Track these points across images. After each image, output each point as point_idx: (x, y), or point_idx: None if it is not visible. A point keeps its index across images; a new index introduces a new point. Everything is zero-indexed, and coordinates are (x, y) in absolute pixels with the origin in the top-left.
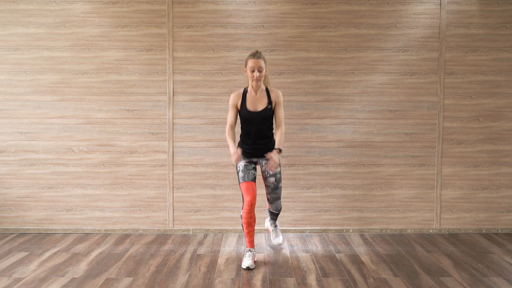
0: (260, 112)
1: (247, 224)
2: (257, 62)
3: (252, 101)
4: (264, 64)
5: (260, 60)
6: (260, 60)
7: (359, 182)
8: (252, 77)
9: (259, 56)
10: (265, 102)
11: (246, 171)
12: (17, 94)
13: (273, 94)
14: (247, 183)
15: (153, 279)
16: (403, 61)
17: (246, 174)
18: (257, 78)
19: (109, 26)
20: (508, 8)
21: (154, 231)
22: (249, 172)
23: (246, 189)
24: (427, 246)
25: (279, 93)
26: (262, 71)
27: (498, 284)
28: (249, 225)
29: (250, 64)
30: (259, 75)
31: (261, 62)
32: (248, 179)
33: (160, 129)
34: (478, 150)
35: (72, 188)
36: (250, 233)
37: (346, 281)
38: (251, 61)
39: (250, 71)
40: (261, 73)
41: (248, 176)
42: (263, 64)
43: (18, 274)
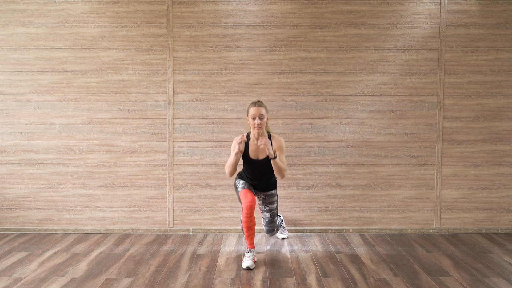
0: (262, 160)
1: (247, 228)
2: (258, 110)
3: (255, 149)
4: (265, 112)
5: (261, 108)
6: (261, 108)
7: (359, 182)
8: (254, 124)
9: (260, 104)
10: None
11: (246, 184)
12: (17, 94)
13: (275, 142)
14: (245, 190)
15: (153, 279)
16: (403, 61)
17: (245, 185)
18: (258, 125)
19: (109, 26)
20: (508, 8)
21: (154, 231)
22: (249, 184)
23: (244, 194)
24: (427, 246)
25: (281, 140)
26: (263, 119)
27: (498, 284)
28: (249, 228)
29: (251, 112)
30: (260, 123)
31: (262, 110)
32: (248, 188)
33: (160, 129)
34: (478, 150)
35: (72, 188)
36: (250, 236)
37: (346, 281)
38: (253, 109)
39: (251, 118)
40: (262, 120)
41: (247, 186)
42: (264, 112)
43: (18, 274)
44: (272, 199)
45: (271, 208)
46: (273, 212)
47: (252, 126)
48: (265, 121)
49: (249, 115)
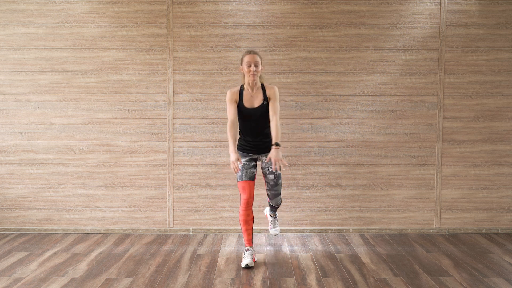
0: (257, 108)
1: (244, 221)
2: (253, 57)
3: (249, 98)
4: (260, 60)
5: (256, 55)
6: (256, 55)
7: (359, 182)
8: (249, 71)
9: (255, 52)
10: (261, 99)
11: (244, 170)
12: (17, 94)
13: (268, 90)
14: (243, 182)
15: (153, 279)
16: (403, 61)
17: (243, 173)
18: (254, 72)
19: (109, 26)
20: (508, 8)
21: (154, 231)
22: (247, 171)
23: (242, 188)
24: (427, 246)
25: (274, 88)
26: (258, 66)
27: (498, 284)
28: (246, 222)
29: (246, 59)
30: (255, 70)
31: (257, 57)
32: (246, 178)
33: (160, 129)
34: (478, 150)
35: (72, 188)
36: (248, 231)
37: (346, 281)
38: (248, 56)
39: (246, 66)
40: (257, 67)
41: (245, 175)
42: (259, 60)
43: (18, 274)
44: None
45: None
46: (277, 173)
47: (247, 73)
48: (260, 68)
49: (244, 63)
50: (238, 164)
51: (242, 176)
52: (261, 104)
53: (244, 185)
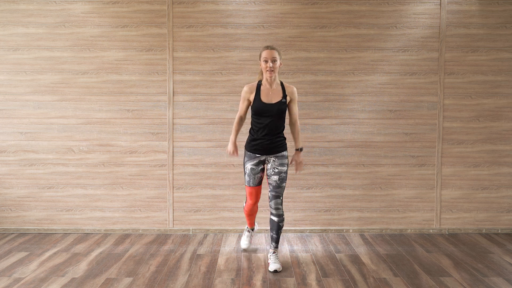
0: (275, 104)
1: (249, 214)
2: (271, 52)
3: (267, 93)
4: (278, 56)
5: (274, 51)
6: (274, 51)
7: (359, 182)
8: (266, 67)
9: (273, 48)
10: (280, 95)
11: (252, 176)
12: (17, 94)
13: (289, 89)
14: (251, 188)
15: (153, 279)
16: (403, 61)
17: (251, 179)
18: (271, 68)
19: (109, 26)
20: (508, 8)
21: (154, 231)
22: (255, 176)
23: (249, 194)
24: (427, 246)
25: (294, 89)
26: (275, 61)
27: (498, 284)
28: (251, 215)
29: (264, 54)
30: (272, 66)
31: (275, 53)
32: (253, 184)
33: (160, 129)
34: (478, 150)
35: (72, 188)
36: (251, 218)
37: (346, 281)
38: (265, 52)
39: (263, 61)
40: (275, 63)
41: (253, 181)
42: (277, 55)
43: (18, 274)
44: (282, 160)
45: (280, 171)
46: (282, 176)
47: (265, 69)
48: (278, 64)
49: (262, 58)
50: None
51: (250, 181)
52: (279, 101)
53: (251, 191)
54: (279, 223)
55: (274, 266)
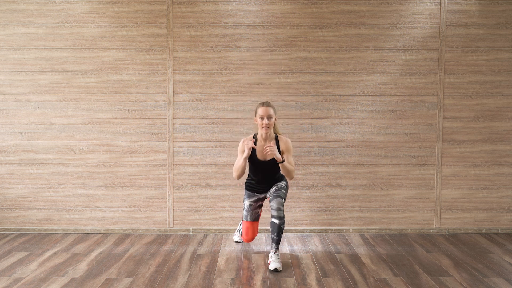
0: (269, 161)
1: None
2: (266, 110)
3: (262, 151)
4: (274, 113)
5: (269, 108)
6: (269, 108)
7: (359, 182)
8: (262, 124)
9: (269, 105)
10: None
11: (250, 211)
12: (17, 94)
13: (282, 143)
14: (248, 223)
15: (153, 279)
16: (403, 61)
17: (249, 214)
18: (266, 125)
19: (109, 26)
20: (508, 8)
21: (154, 231)
22: (252, 212)
23: (246, 229)
24: (427, 246)
25: (288, 142)
26: (271, 119)
27: (498, 284)
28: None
29: (259, 112)
30: (268, 123)
31: (270, 110)
32: (250, 219)
33: (160, 129)
34: (478, 150)
35: (72, 188)
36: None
37: (346, 281)
38: (261, 109)
39: (259, 118)
40: (270, 120)
41: (251, 216)
42: (272, 112)
43: (18, 274)
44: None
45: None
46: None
47: (260, 126)
48: (273, 121)
49: (257, 115)
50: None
51: (247, 216)
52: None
53: (248, 226)
54: (280, 225)
55: (274, 265)
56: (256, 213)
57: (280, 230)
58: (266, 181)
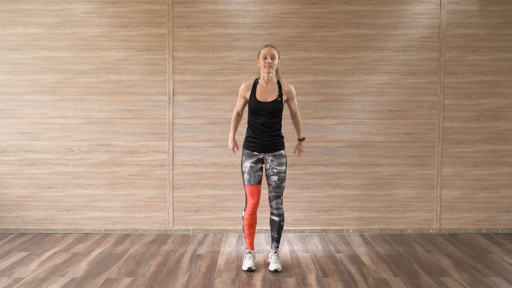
0: (270, 103)
1: (249, 225)
2: (270, 50)
3: (263, 92)
4: (277, 55)
5: (273, 48)
6: (273, 48)
7: (359, 182)
8: (264, 63)
9: (273, 46)
10: (275, 94)
11: (252, 174)
12: (17, 94)
13: (285, 87)
14: (252, 187)
15: (153, 279)
16: (403, 61)
17: (252, 177)
18: (269, 64)
19: (109, 26)
20: (508, 8)
21: (154, 231)
22: (255, 174)
23: (251, 193)
24: (427, 246)
25: (291, 87)
26: (274, 59)
27: (498, 284)
28: (250, 226)
29: (263, 51)
30: (271, 62)
31: (274, 51)
32: (254, 182)
33: (160, 129)
34: (478, 150)
35: (72, 188)
36: (251, 235)
37: (346, 281)
38: (265, 49)
39: (262, 58)
40: (273, 60)
41: (254, 179)
42: (276, 53)
43: (18, 274)
44: (281, 160)
45: (279, 171)
46: (281, 175)
47: (263, 65)
48: (276, 62)
49: (261, 55)
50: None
51: (250, 180)
52: (274, 99)
53: (252, 190)
54: (280, 223)
55: (274, 266)
56: (259, 176)
57: (280, 227)
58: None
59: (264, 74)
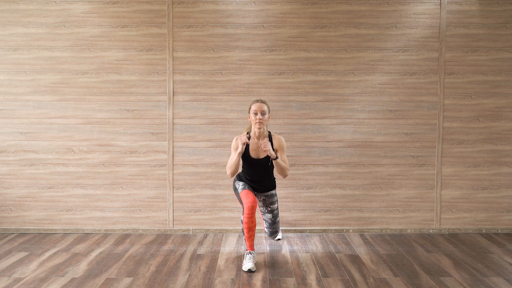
0: (262, 159)
1: (248, 228)
2: (260, 106)
3: (255, 148)
4: (267, 110)
5: (263, 104)
6: (263, 104)
7: (359, 182)
8: (255, 120)
9: (263, 101)
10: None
11: (246, 185)
12: (17, 94)
13: (275, 141)
14: (246, 190)
15: (153, 279)
16: (403, 61)
17: (245, 186)
18: (260, 120)
19: (109, 26)
20: (508, 8)
21: (154, 231)
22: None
23: (245, 194)
24: (427, 246)
25: (281, 139)
26: (265, 115)
27: (498, 284)
28: (250, 229)
29: (253, 108)
30: (261, 118)
31: (264, 106)
32: (248, 189)
33: (160, 129)
34: (478, 150)
35: (72, 188)
36: (251, 237)
37: (346, 281)
38: (255, 105)
39: (253, 114)
40: (264, 116)
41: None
42: (266, 109)
43: (18, 274)
44: (272, 199)
45: (272, 209)
46: (275, 213)
47: (254, 122)
48: (266, 117)
49: (251, 111)
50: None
51: (244, 187)
52: (267, 156)
53: (246, 192)
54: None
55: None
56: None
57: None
58: (260, 181)
59: (256, 129)
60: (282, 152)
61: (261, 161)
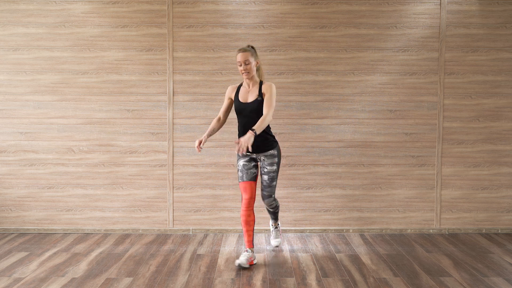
0: (250, 103)
1: (245, 222)
2: (243, 55)
3: (244, 93)
4: (252, 57)
5: (246, 53)
6: (246, 53)
7: (359, 182)
8: (241, 71)
9: (245, 50)
10: (256, 94)
11: (245, 171)
12: (17, 94)
13: (264, 86)
14: (244, 183)
15: (153, 279)
16: (403, 61)
17: (244, 174)
18: (244, 71)
19: (109, 26)
20: (508, 8)
21: (154, 231)
22: (247, 171)
23: (243, 189)
24: (427, 246)
25: (270, 85)
26: (248, 64)
27: (498, 284)
28: (247, 223)
29: (237, 58)
30: (245, 68)
31: (247, 55)
32: (246, 179)
33: (160, 129)
34: (478, 150)
35: (72, 188)
36: (248, 232)
37: (346, 281)
38: (238, 56)
39: (238, 65)
40: (248, 65)
41: (246, 176)
42: (250, 57)
43: (18, 274)
44: (271, 160)
45: (269, 170)
46: (271, 175)
47: (240, 72)
48: (251, 66)
49: (237, 62)
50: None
51: (243, 177)
52: (254, 100)
53: (245, 186)
54: (275, 210)
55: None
56: (252, 173)
57: (275, 213)
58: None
59: (244, 78)
60: (268, 95)
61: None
